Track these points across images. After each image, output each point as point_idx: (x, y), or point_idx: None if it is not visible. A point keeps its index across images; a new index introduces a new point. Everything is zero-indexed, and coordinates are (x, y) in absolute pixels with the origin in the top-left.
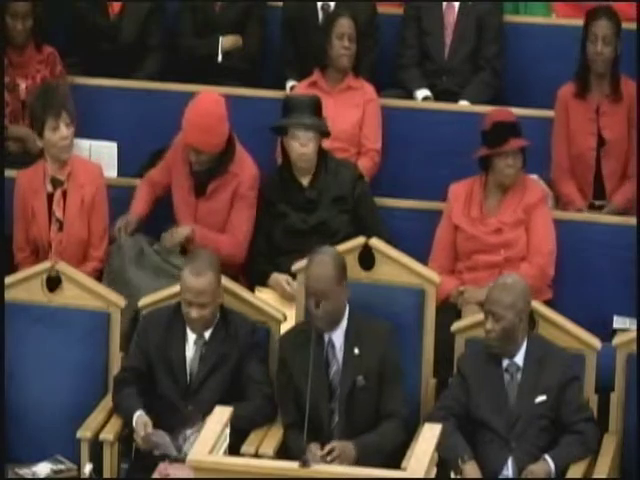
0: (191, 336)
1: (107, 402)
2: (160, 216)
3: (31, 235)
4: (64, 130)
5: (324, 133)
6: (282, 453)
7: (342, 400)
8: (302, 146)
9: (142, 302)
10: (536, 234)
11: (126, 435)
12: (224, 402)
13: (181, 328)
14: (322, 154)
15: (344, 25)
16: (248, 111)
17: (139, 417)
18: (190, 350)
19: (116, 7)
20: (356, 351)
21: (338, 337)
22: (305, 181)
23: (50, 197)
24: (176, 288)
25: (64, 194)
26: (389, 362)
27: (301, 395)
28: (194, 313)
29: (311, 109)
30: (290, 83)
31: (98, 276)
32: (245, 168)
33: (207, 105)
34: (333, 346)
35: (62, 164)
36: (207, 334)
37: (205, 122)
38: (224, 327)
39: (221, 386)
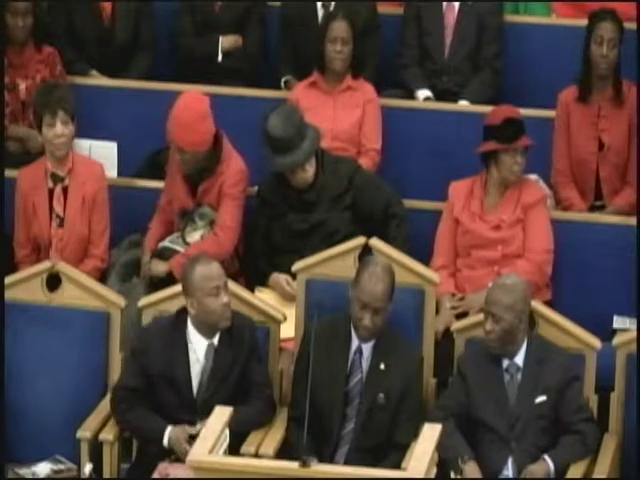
0: (199, 347)
1: (107, 402)
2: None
3: (32, 232)
4: (59, 128)
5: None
6: (282, 453)
7: (360, 413)
8: (304, 172)
9: (142, 302)
10: (533, 233)
11: (126, 435)
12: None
13: (183, 340)
14: (319, 155)
15: (337, 29)
16: (248, 111)
17: (172, 432)
18: (199, 361)
19: (107, 8)
20: (382, 366)
21: (367, 347)
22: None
23: (51, 193)
24: (176, 288)
25: (64, 190)
26: (414, 393)
27: (314, 390)
28: (226, 298)
29: (298, 135)
30: (284, 78)
31: (98, 275)
32: (230, 166)
33: (188, 102)
34: (361, 354)
35: (61, 161)
36: (215, 340)
37: (185, 118)
38: (228, 331)
39: (228, 392)
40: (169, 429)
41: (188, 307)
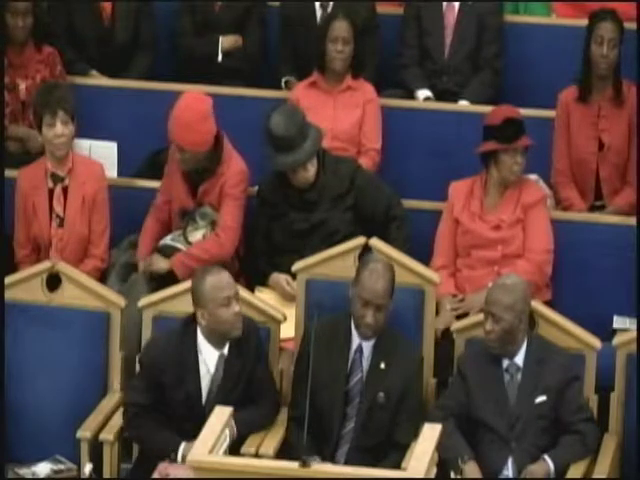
0: (210, 358)
1: (107, 402)
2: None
3: (32, 232)
4: (59, 128)
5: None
6: (282, 453)
7: (360, 412)
8: (306, 171)
9: (142, 302)
10: (533, 233)
11: (126, 435)
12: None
13: (193, 352)
14: (320, 154)
15: (338, 29)
16: (248, 111)
17: (186, 448)
18: (210, 372)
19: (107, 8)
20: (382, 366)
21: (367, 346)
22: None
23: (51, 193)
24: (177, 288)
25: (64, 190)
26: (414, 393)
27: (314, 390)
28: (237, 307)
29: (300, 134)
30: (285, 78)
31: (98, 275)
32: (231, 166)
33: (189, 102)
34: (362, 353)
35: (61, 161)
36: (225, 350)
37: (186, 118)
38: (238, 339)
39: (236, 398)
40: (183, 445)
41: (198, 318)
